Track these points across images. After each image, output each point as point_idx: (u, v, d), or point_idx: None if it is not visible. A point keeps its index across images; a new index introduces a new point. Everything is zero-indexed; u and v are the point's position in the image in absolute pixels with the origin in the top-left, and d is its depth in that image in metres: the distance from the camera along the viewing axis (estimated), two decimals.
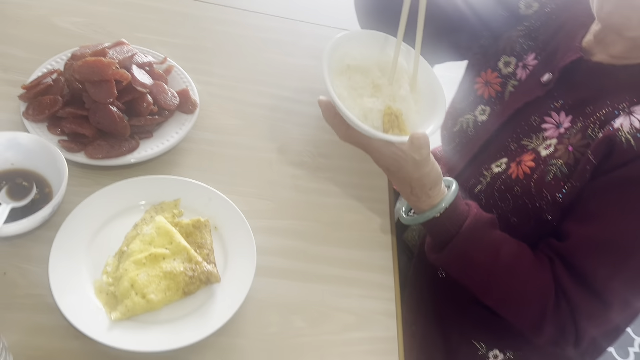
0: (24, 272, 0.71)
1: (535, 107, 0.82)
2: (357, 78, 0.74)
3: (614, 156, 0.69)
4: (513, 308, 0.78)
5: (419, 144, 0.68)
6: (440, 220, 0.74)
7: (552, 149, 0.77)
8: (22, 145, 0.76)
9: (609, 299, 0.71)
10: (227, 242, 0.78)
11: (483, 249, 0.75)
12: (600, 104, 0.74)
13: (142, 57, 0.88)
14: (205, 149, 0.89)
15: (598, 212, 0.71)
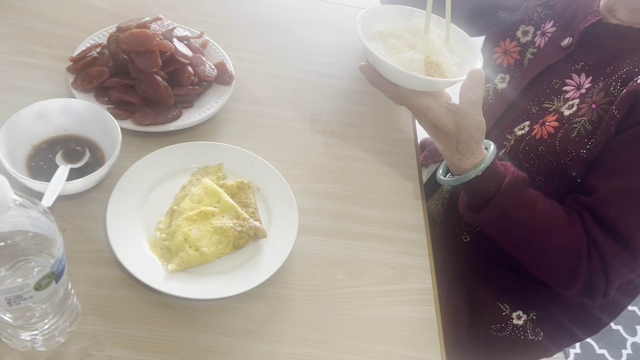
0: (82, 230, 0.75)
1: (556, 71, 0.86)
2: (390, 41, 0.78)
3: (637, 109, 0.72)
4: (549, 261, 0.81)
5: (478, 79, 0.68)
6: (481, 179, 0.76)
7: (575, 109, 0.81)
8: (74, 112, 0.80)
9: (637, 247, 0.74)
10: (269, 203, 0.82)
11: (521, 206, 0.77)
12: (620, 64, 0.78)
13: (181, 31, 0.93)
14: (242, 119, 0.93)
15: (623, 164, 0.75)
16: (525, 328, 0.97)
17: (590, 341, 1.83)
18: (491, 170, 0.77)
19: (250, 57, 1.03)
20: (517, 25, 0.96)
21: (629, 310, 1.94)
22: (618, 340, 1.85)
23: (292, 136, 0.94)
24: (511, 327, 0.97)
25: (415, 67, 0.75)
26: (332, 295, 0.77)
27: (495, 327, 0.98)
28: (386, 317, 0.76)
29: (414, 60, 0.75)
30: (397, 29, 0.81)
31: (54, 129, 0.80)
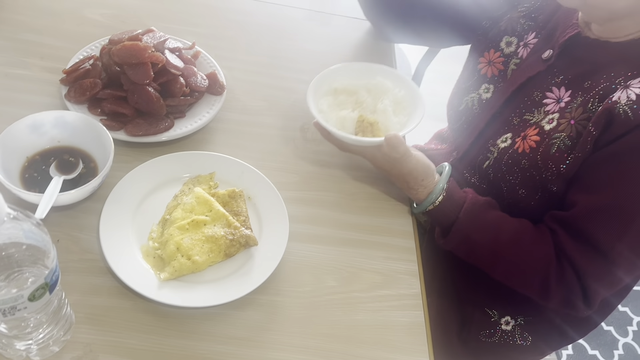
0: (76, 240, 0.76)
1: (537, 83, 0.87)
2: (342, 97, 0.91)
3: (613, 127, 0.74)
4: (518, 280, 0.85)
5: (392, 143, 0.80)
6: (441, 208, 0.84)
7: (555, 123, 0.83)
8: (68, 124, 0.81)
9: (617, 260, 0.76)
10: (260, 211, 0.84)
11: (483, 229, 0.83)
12: (598, 78, 0.79)
13: (173, 43, 0.94)
14: (233, 128, 0.95)
15: (602, 181, 0.77)
16: (513, 333, 0.99)
17: (582, 342, 1.85)
18: (449, 199, 0.84)
19: (241, 67, 1.04)
20: (501, 35, 0.98)
21: (620, 311, 1.96)
22: (610, 341, 1.87)
23: (282, 145, 0.95)
24: (500, 332, 0.99)
25: (348, 125, 0.86)
26: (323, 301, 0.78)
27: (484, 333, 1.00)
28: (376, 322, 0.78)
29: (347, 119, 0.86)
30: (355, 87, 0.91)
31: (47, 141, 0.81)
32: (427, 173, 0.84)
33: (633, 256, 0.77)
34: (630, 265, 0.78)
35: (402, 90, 0.92)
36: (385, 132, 0.86)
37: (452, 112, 1.04)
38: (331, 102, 0.89)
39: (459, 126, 1.01)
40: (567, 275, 0.79)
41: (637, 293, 2.02)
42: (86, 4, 1.06)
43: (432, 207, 0.84)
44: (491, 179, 0.90)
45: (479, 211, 0.83)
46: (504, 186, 0.88)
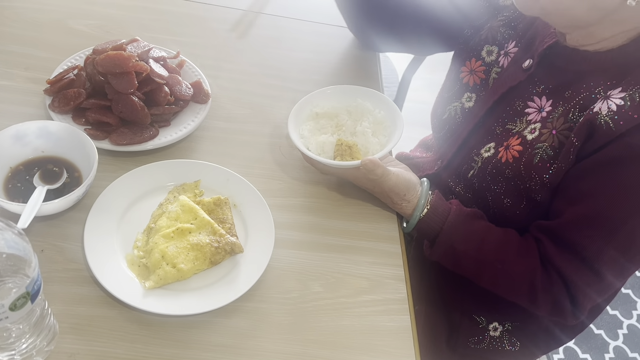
0: (61, 249, 0.76)
1: (519, 92, 0.88)
2: (323, 121, 0.93)
3: (595, 138, 0.75)
4: (505, 289, 0.86)
5: (368, 168, 0.82)
6: (425, 220, 0.86)
7: (537, 133, 0.83)
8: (52, 133, 0.81)
9: (602, 269, 0.77)
10: (246, 218, 0.84)
11: (467, 240, 0.84)
12: (578, 88, 0.80)
13: (157, 52, 0.95)
14: (219, 136, 0.95)
15: (585, 190, 0.77)
16: (502, 339, 0.99)
17: (573, 346, 1.86)
18: (433, 212, 0.85)
19: (227, 76, 1.05)
20: (482, 44, 0.99)
21: (611, 315, 1.97)
22: (600, 344, 1.88)
23: (268, 152, 0.96)
24: (488, 338, 0.99)
25: (328, 149, 0.89)
26: (309, 307, 0.78)
27: (473, 340, 1.00)
28: (362, 327, 0.78)
29: (326, 143, 0.89)
30: (336, 109, 0.94)
31: (31, 151, 0.81)
32: (408, 188, 0.86)
33: (618, 264, 0.78)
34: (616, 273, 0.79)
35: (382, 111, 0.94)
36: (365, 153, 0.89)
37: (436, 120, 1.05)
38: (312, 127, 0.93)
39: (443, 135, 1.02)
40: (555, 284, 0.80)
41: (627, 296, 2.03)
42: (71, 15, 1.07)
43: (418, 221, 0.86)
44: (476, 188, 0.91)
45: (463, 222, 0.84)
46: (489, 195, 0.89)
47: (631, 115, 0.72)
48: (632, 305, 2.01)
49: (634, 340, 1.91)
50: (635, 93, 0.73)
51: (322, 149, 0.89)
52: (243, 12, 1.19)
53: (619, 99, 0.74)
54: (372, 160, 0.82)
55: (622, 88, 0.75)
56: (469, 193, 0.94)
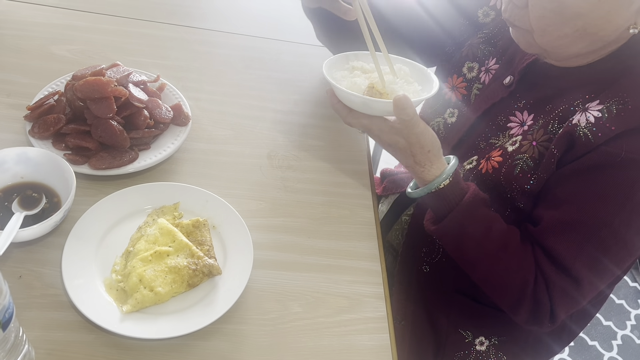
0: (39, 275, 0.76)
1: (501, 108, 0.90)
2: (356, 72, 0.85)
3: (575, 149, 0.76)
4: (497, 281, 0.84)
5: (401, 104, 0.75)
6: (443, 192, 0.80)
7: (517, 145, 0.85)
8: (31, 159, 0.82)
9: (579, 275, 0.77)
10: (225, 239, 0.84)
11: (477, 222, 0.81)
12: (557, 102, 0.82)
13: (137, 76, 0.96)
14: (199, 158, 0.96)
15: (564, 197, 0.78)
16: (488, 353, 0.99)
17: (567, 358, 1.85)
18: (454, 185, 0.81)
19: (207, 97, 1.06)
20: (463, 61, 1.00)
21: (604, 325, 1.96)
22: (595, 355, 1.87)
23: (249, 172, 0.96)
24: (474, 353, 0.99)
25: (358, 91, 0.80)
26: (288, 328, 0.78)
27: (459, 354, 1.00)
28: (341, 347, 0.78)
29: (357, 83, 0.81)
30: (372, 68, 0.86)
31: (10, 177, 0.82)
32: (433, 144, 0.80)
33: (594, 271, 0.78)
34: (592, 281, 0.79)
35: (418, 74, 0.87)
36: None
37: None
38: (346, 75, 0.85)
39: None
40: (539, 285, 0.80)
41: (620, 307, 2.03)
42: (53, 41, 1.08)
43: (435, 190, 0.81)
44: None
45: (479, 204, 0.82)
46: None
47: (609, 127, 0.74)
48: (625, 316, 2.00)
49: (628, 351, 1.90)
50: (612, 106, 0.75)
51: (351, 89, 0.81)
52: (224, 33, 1.20)
53: (597, 111, 0.76)
54: (407, 97, 0.75)
55: (600, 101, 0.77)
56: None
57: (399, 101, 0.75)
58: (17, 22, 1.10)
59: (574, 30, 0.74)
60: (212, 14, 1.25)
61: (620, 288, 2.09)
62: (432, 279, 1.00)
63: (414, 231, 1.04)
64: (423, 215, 1.01)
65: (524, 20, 0.77)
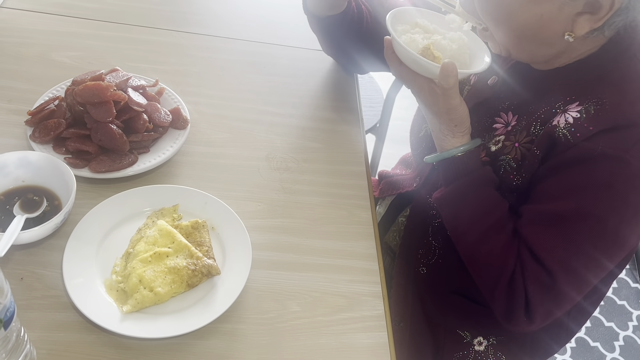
0: (40, 277, 0.77)
1: (486, 108, 0.91)
2: (417, 29, 0.87)
3: (555, 148, 0.78)
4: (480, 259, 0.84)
5: (447, 71, 0.77)
6: (455, 161, 0.84)
7: (500, 145, 0.86)
8: (32, 163, 0.83)
9: (553, 267, 0.77)
10: (224, 240, 0.85)
11: (480, 199, 0.83)
12: (539, 103, 0.83)
13: (136, 81, 0.97)
14: (198, 160, 0.97)
15: (543, 191, 0.80)
16: (487, 353, 0.99)
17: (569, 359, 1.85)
18: (467, 159, 0.84)
19: (206, 102, 1.07)
20: None
21: (606, 326, 1.96)
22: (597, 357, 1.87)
23: (247, 174, 0.97)
24: (473, 353, 1.00)
25: (412, 49, 0.82)
26: (287, 327, 0.79)
27: (458, 355, 1.00)
28: (340, 345, 0.79)
29: (415, 41, 0.83)
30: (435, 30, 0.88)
31: (12, 181, 0.83)
32: (463, 121, 0.83)
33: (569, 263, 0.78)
34: (569, 275, 0.79)
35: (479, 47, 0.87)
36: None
37: (414, 138, 1.07)
38: (407, 29, 0.87)
39: (420, 152, 1.04)
40: (517, 277, 0.80)
41: (622, 308, 2.03)
42: (53, 48, 1.10)
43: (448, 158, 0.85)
44: None
45: (487, 183, 0.84)
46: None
47: (586, 127, 0.75)
48: (627, 317, 2.00)
49: (630, 351, 1.90)
50: (590, 107, 0.76)
51: (408, 45, 0.82)
52: (222, 38, 1.22)
53: (576, 112, 0.77)
54: (454, 65, 0.77)
55: (579, 102, 0.78)
56: None
57: (445, 67, 0.77)
58: (17, 30, 1.12)
59: (511, 29, 0.77)
60: (210, 19, 1.26)
61: (622, 289, 2.09)
62: (429, 280, 1.01)
63: (410, 233, 1.04)
64: (419, 217, 1.02)
65: (477, 15, 0.79)
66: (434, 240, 0.99)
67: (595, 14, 0.72)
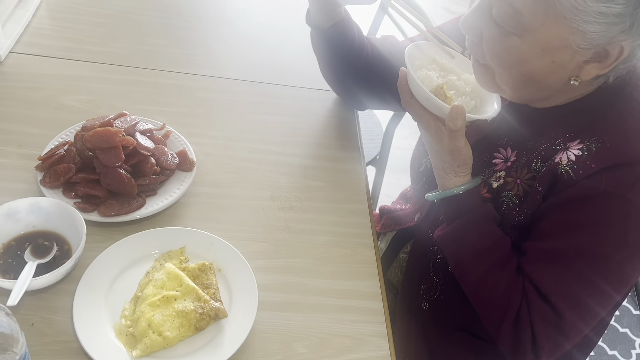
0: (50, 322, 0.79)
1: (485, 144, 0.93)
2: (434, 65, 0.89)
3: (558, 185, 0.80)
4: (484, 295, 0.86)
5: (455, 113, 0.79)
6: (456, 199, 0.86)
7: (502, 181, 0.88)
8: (42, 209, 0.85)
9: (558, 304, 0.79)
10: (230, 282, 0.87)
11: (482, 235, 0.85)
12: (539, 140, 0.85)
13: (144, 125, 1.00)
14: (204, 202, 0.99)
15: (546, 229, 0.82)
16: None
17: None
18: (468, 197, 0.86)
19: (211, 142, 1.10)
20: None
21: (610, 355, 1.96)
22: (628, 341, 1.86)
23: (252, 214, 0.99)
24: None
25: (426, 85, 0.84)
26: None
27: None
28: None
29: (429, 79, 0.85)
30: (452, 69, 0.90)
31: (23, 227, 0.85)
32: (465, 162, 0.85)
33: (575, 300, 0.80)
34: (574, 309, 0.80)
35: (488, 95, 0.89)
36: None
37: (414, 172, 1.09)
38: (424, 65, 0.89)
39: (421, 187, 1.06)
40: (522, 313, 0.81)
41: (625, 335, 2.03)
42: (62, 92, 1.12)
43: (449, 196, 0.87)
44: None
45: (488, 220, 0.86)
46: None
47: (589, 164, 0.77)
48: (630, 345, 2.00)
49: None
50: (592, 144, 0.78)
51: (422, 81, 0.85)
52: (226, 80, 1.25)
53: (577, 150, 0.79)
54: (462, 108, 0.79)
55: (580, 140, 0.80)
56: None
57: (455, 109, 0.79)
58: (26, 75, 1.15)
59: (520, 74, 0.78)
60: (214, 61, 1.30)
61: (624, 316, 2.09)
62: (433, 316, 1.02)
63: (412, 269, 1.06)
64: (420, 253, 1.03)
65: (482, 55, 0.81)
66: (435, 276, 1.01)
67: (602, 62, 0.74)
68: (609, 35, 0.71)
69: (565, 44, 0.73)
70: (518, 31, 0.73)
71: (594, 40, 0.71)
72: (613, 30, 0.70)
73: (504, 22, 0.74)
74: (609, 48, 0.72)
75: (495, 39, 0.76)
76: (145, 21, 1.36)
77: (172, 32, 1.34)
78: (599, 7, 0.68)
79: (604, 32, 0.70)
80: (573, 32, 0.71)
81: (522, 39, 0.74)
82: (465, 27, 0.80)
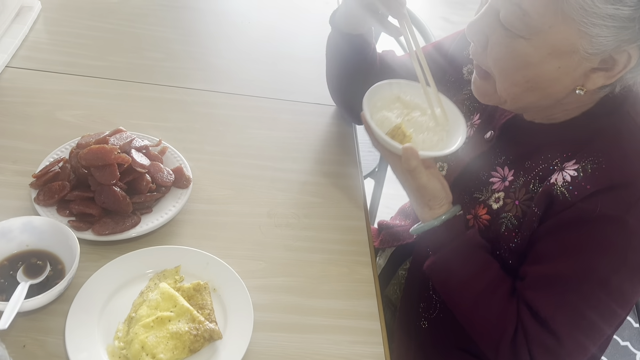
0: (42, 344, 0.77)
1: (482, 163, 0.92)
2: (397, 104, 0.92)
3: (554, 206, 0.79)
4: (476, 325, 0.86)
5: (406, 155, 0.82)
6: (439, 229, 0.87)
7: (501, 203, 0.87)
8: (36, 228, 0.84)
9: (558, 329, 0.78)
10: (225, 302, 0.85)
11: (468, 263, 0.85)
12: (537, 159, 0.84)
13: (139, 141, 0.99)
14: (200, 219, 0.98)
15: (543, 253, 0.81)
16: None
17: None
18: (450, 226, 0.86)
19: (208, 158, 1.09)
20: None
21: None
22: None
23: (249, 232, 0.98)
24: None
25: (386, 126, 0.87)
26: None
27: None
28: None
29: (388, 119, 0.88)
30: (415, 105, 0.92)
31: (16, 246, 0.84)
32: (434, 195, 0.86)
33: (575, 325, 0.79)
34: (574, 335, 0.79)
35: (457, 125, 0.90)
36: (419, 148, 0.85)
37: None
38: (386, 104, 0.91)
39: None
40: (519, 343, 0.80)
41: (625, 349, 2.01)
42: (58, 107, 1.12)
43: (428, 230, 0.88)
44: None
45: (473, 248, 0.86)
46: None
47: (584, 185, 0.76)
48: (631, 358, 1.98)
49: None
50: (587, 165, 0.77)
51: (381, 123, 0.88)
52: (223, 94, 1.25)
53: (573, 171, 0.78)
54: (412, 149, 0.81)
55: (576, 160, 0.79)
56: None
57: (405, 151, 0.82)
58: (22, 89, 1.14)
59: (525, 79, 0.77)
60: (211, 75, 1.29)
61: (625, 329, 2.08)
62: (431, 335, 1.01)
63: (411, 286, 1.05)
64: (419, 270, 1.02)
65: (485, 62, 0.80)
66: (434, 294, 1.00)
67: (609, 71, 0.74)
68: (618, 40, 0.69)
69: (572, 49, 0.72)
70: (525, 34, 0.73)
71: (602, 46, 0.70)
72: (621, 35, 0.69)
73: (512, 25, 0.73)
74: (617, 56, 0.72)
75: (502, 43, 0.76)
76: (142, 35, 1.35)
77: (170, 46, 1.34)
78: (608, 9, 0.67)
79: (613, 37, 0.69)
80: (581, 36, 0.70)
81: (529, 42, 0.73)
82: (471, 32, 0.79)
